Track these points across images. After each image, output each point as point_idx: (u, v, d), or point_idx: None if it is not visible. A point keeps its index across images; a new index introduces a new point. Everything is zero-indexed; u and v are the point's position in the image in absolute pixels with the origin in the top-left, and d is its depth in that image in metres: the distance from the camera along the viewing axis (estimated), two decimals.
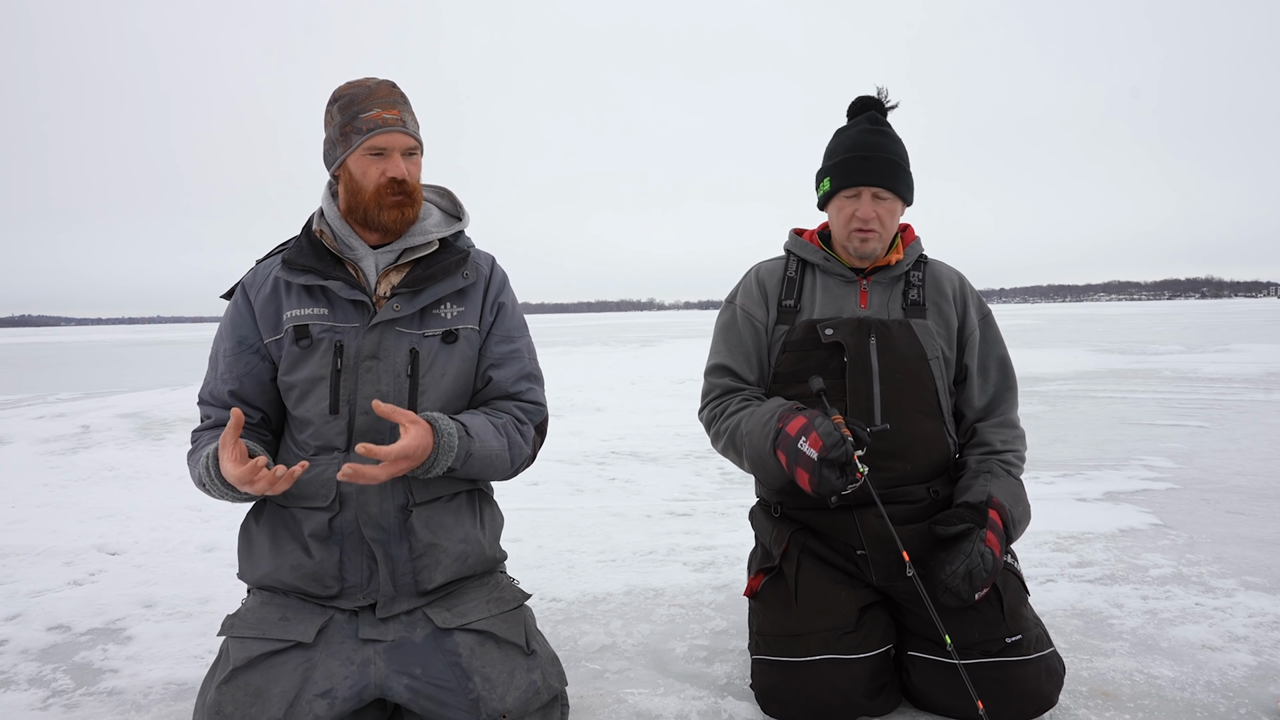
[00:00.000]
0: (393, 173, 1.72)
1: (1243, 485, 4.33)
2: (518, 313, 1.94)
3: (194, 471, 1.73)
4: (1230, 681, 2.07)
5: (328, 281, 1.73)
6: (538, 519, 3.95)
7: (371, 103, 1.71)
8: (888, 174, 2.00)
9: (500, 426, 1.79)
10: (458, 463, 1.68)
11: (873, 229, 2.01)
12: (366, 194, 1.73)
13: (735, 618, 2.57)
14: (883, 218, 2.02)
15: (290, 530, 1.75)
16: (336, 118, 1.74)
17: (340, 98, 1.74)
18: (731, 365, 2.11)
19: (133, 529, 3.85)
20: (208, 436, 1.78)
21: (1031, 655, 1.81)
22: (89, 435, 6.99)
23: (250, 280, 1.84)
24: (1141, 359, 12.99)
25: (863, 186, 2.01)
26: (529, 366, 1.91)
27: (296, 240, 1.82)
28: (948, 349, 2.05)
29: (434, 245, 1.82)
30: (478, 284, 1.86)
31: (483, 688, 1.64)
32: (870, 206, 2.00)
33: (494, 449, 1.75)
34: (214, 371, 1.83)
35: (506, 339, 1.88)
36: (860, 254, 2.04)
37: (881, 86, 2.12)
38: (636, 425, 7.09)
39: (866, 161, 2.01)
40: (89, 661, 2.36)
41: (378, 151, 1.72)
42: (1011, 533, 1.89)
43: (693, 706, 1.99)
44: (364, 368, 1.73)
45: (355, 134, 1.71)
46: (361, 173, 1.73)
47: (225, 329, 1.83)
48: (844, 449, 1.70)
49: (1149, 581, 2.85)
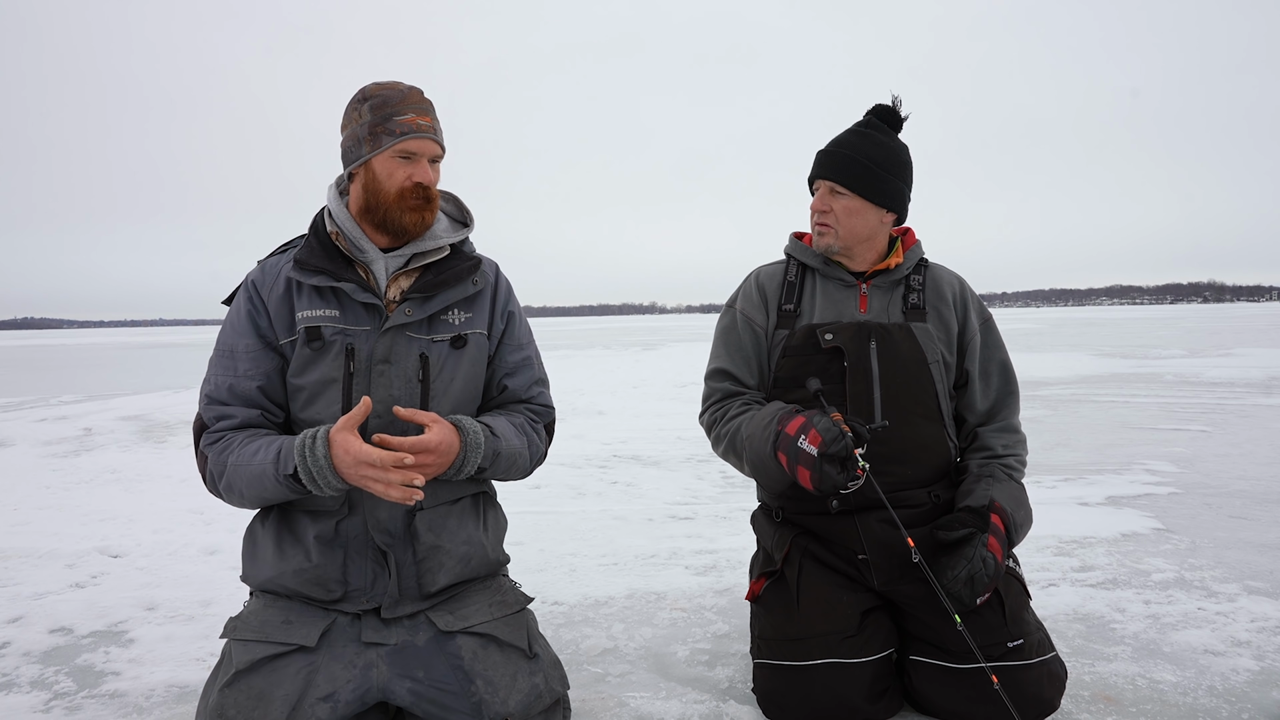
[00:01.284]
0: (420, 178, 1.74)
1: (1245, 490, 4.33)
2: (525, 320, 1.98)
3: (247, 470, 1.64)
4: (1233, 686, 2.07)
5: (341, 283, 1.72)
6: (540, 522, 3.95)
7: (406, 107, 1.72)
8: (845, 170, 2.01)
9: (519, 426, 1.84)
10: (486, 462, 1.72)
11: (826, 223, 2.04)
12: (388, 195, 1.73)
13: (737, 621, 2.57)
14: (838, 213, 2.03)
15: (295, 534, 1.75)
16: (366, 116, 1.72)
17: (372, 97, 1.72)
18: (731, 369, 2.11)
19: (135, 531, 3.86)
20: (243, 436, 1.70)
21: (1033, 660, 1.81)
22: (91, 438, 7.00)
23: (260, 278, 1.80)
24: (1144, 363, 12.98)
25: (820, 179, 2.06)
26: (539, 372, 1.97)
27: (306, 240, 1.80)
28: (948, 353, 2.05)
29: (445, 251, 1.83)
30: (485, 291, 1.88)
31: (485, 691, 1.64)
32: (824, 199, 2.04)
33: (517, 448, 1.80)
34: (230, 369, 1.75)
35: (518, 347, 1.92)
36: (817, 247, 2.08)
37: (896, 96, 2.10)
38: (638, 429, 7.10)
39: (829, 156, 2.05)
40: (91, 664, 2.36)
41: (407, 155, 1.73)
42: (1013, 537, 1.89)
43: (694, 710, 1.99)
44: (376, 371, 1.73)
45: (387, 135, 1.71)
46: (387, 174, 1.73)
47: (241, 325, 1.77)
48: (843, 443, 1.70)
49: (1151, 586, 2.85)
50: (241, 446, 1.68)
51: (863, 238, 2.05)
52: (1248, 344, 17.39)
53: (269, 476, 1.62)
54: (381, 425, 1.72)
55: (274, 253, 1.87)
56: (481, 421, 1.76)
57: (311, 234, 1.81)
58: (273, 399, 1.76)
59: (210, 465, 1.72)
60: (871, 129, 2.05)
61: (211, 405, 1.76)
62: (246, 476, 1.65)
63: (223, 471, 1.69)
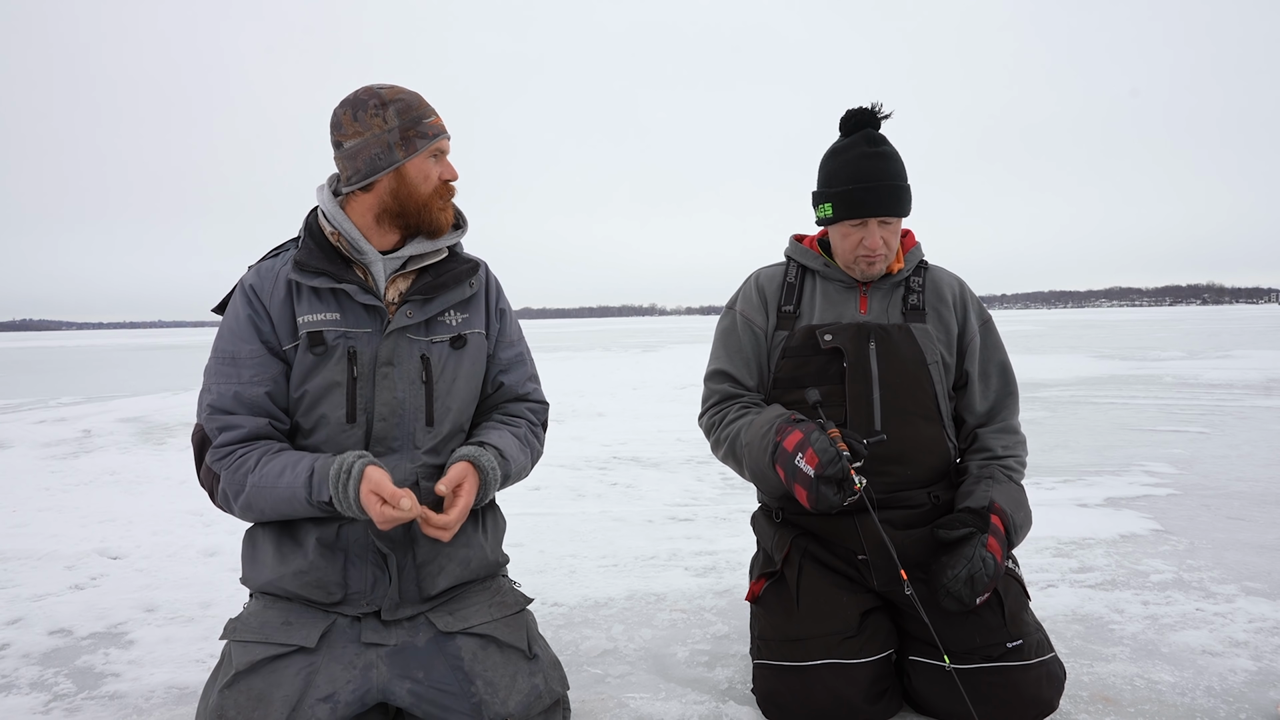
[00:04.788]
0: (448, 175, 1.79)
1: (1244, 491, 4.33)
2: (514, 316, 2.01)
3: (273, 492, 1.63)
4: (1230, 687, 2.07)
5: (342, 285, 1.72)
6: (540, 524, 3.95)
7: (427, 109, 1.76)
8: (892, 202, 1.98)
9: (523, 439, 1.89)
10: (497, 487, 1.78)
11: (880, 253, 2.02)
12: (423, 196, 1.76)
13: (737, 622, 2.57)
14: (888, 241, 2.02)
15: (295, 537, 1.74)
16: (394, 121, 1.71)
17: (395, 101, 1.72)
18: (731, 371, 2.12)
19: (134, 533, 3.86)
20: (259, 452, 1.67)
21: (1032, 660, 1.82)
22: (90, 439, 7.00)
23: (256, 282, 1.77)
24: (1143, 365, 12.99)
25: (871, 218, 1.98)
26: (531, 368, 2.01)
27: (304, 241, 1.78)
28: (947, 354, 2.06)
29: (443, 253, 1.84)
30: (479, 292, 1.90)
31: (485, 692, 1.64)
32: (877, 235, 1.99)
33: (522, 463, 1.86)
34: (232, 376, 1.72)
35: (511, 344, 1.96)
36: (866, 277, 2.05)
37: (876, 101, 2.10)
38: (638, 430, 7.10)
39: (870, 193, 1.97)
40: (90, 666, 2.36)
41: (435, 155, 1.78)
42: (1013, 538, 1.89)
43: (694, 711, 1.99)
44: (380, 374, 1.73)
45: (420, 138, 1.73)
46: (423, 176, 1.75)
47: (244, 330, 1.73)
48: (839, 465, 1.71)
49: (1150, 587, 2.85)
50: (262, 466, 1.65)
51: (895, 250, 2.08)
52: (1246, 346, 17.40)
53: (300, 500, 1.63)
54: (386, 429, 1.74)
55: (267, 256, 1.84)
56: (491, 446, 1.78)
57: (308, 235, 1.79)
58: (280, 405, 1.75)
59: (224, 484, 1.68)
60: (878, 145, 2.02)
61: (215, 415, 1.71)
62: (273, 499, 1.64)
63: (240, 490, 1.66)
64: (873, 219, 1.98)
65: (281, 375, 1.74)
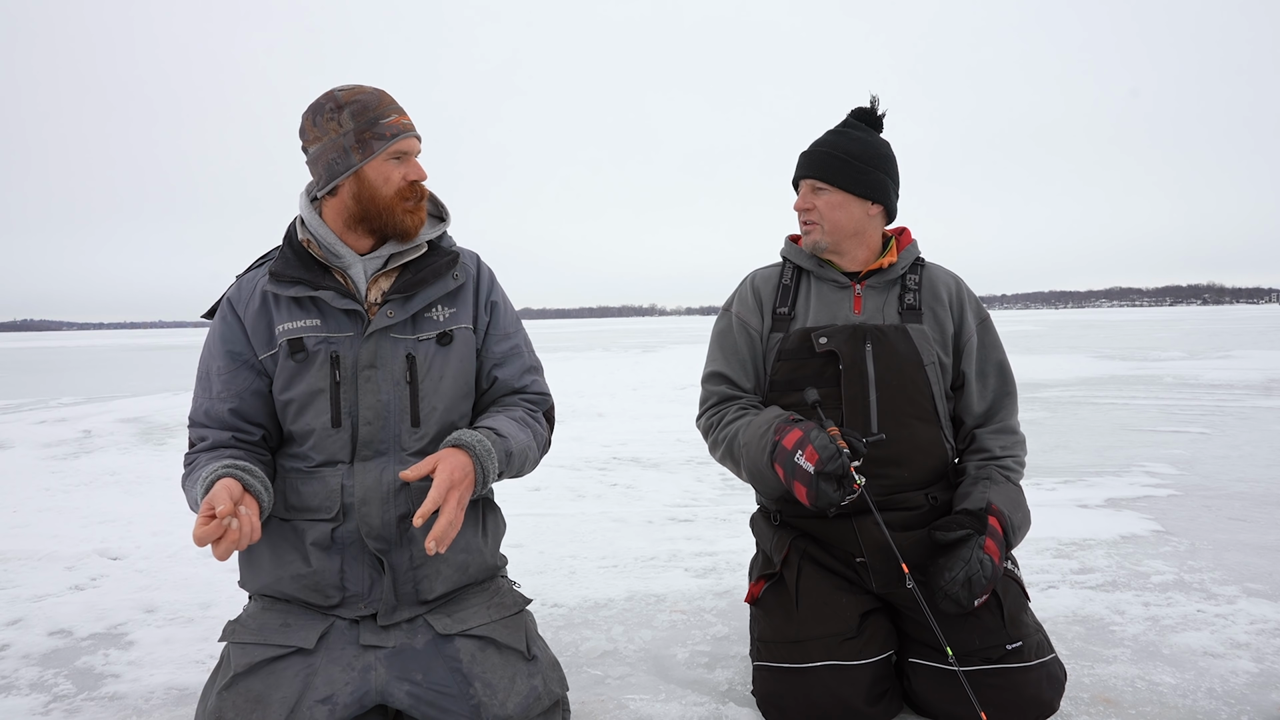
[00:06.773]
0: (414, 176, 1.75)
1: (1244, 492, 4.33)
2: (511, 308, 1.96)
3: (190, 495, 1.67)
4: (1232, 688, 2.07)
5: (318, 291, 1.71)
6: (539, 524, 3.95)
7: (386, 109, 1.72)
8: (823, 166, 2.05)
9: (519, 420, 1.81)
10: (502, 464, 1.69)
11: (811, 220, 2.08)
12: (387, 199, 1.72)
13: (737, 624, 2.57)
14: (821, 209, 2.06)
15: (291, 540, 1.74)
16: (348, 124, 1.70)
17: (349, 104, 1.70)
18: (728, 373, 2.12)
19: (134, 534, 3.86)
20: (205, 459, 1.71)
21: (1033, 662, 1.81)
22: (90, 440, 7.00)
23: (236, 295, 1.79)
24: (1143, 365, 12.99)
25: (802, 179, 2.10)
26: (529, 360, 1.94)
27: (280, 251, 1.79)
28: (944, 354, 2.05)
29: (423, 248, 1.82)
30: (467, 284, 1.87)
31: (484, 693, 1.64)
32: (806, 198, 2.08)
33: (525, 442, 1.78)
34: (206, 390, 1.77)
35: (505, 337, 1.90)
36: (806, 246, 2.12)
37: (875, 96, 2.13)
38: (638, 431, 7.10)
39: (807, 156, 2.09)
40: (90, 666, 2.36)
41: (398, 156, 1.73)
42: (1011, 539, 1.89)
43: (694, 712, 1.99)
44: (363, 377, 1.73)
45: (377, 140, 1.70)
46: (383, 179, 1.72)
47: (214, 346, 1.78)
48: (839, 462, 1.71)
49: (1150, 588, 2.85)
50: (193, 472, 1.70)
51: (849, 231, 2.06)
52: (1247, 346, 17.39)
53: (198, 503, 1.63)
54: (372, 433, 1.73)
55: (251, 267, 1.85)
56: (481, 426, 1.74)
57: (285, 244, 1.80)
58: (248, 419, 1.76)
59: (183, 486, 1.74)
60: (849, 128, 2.10)
61: (192, 428, 1.80)
62: (191, 502, 1.67)
63: (187, 493, 1.71)
64: (804, 181, 2.09)
65: (250, 390, 1.75)
